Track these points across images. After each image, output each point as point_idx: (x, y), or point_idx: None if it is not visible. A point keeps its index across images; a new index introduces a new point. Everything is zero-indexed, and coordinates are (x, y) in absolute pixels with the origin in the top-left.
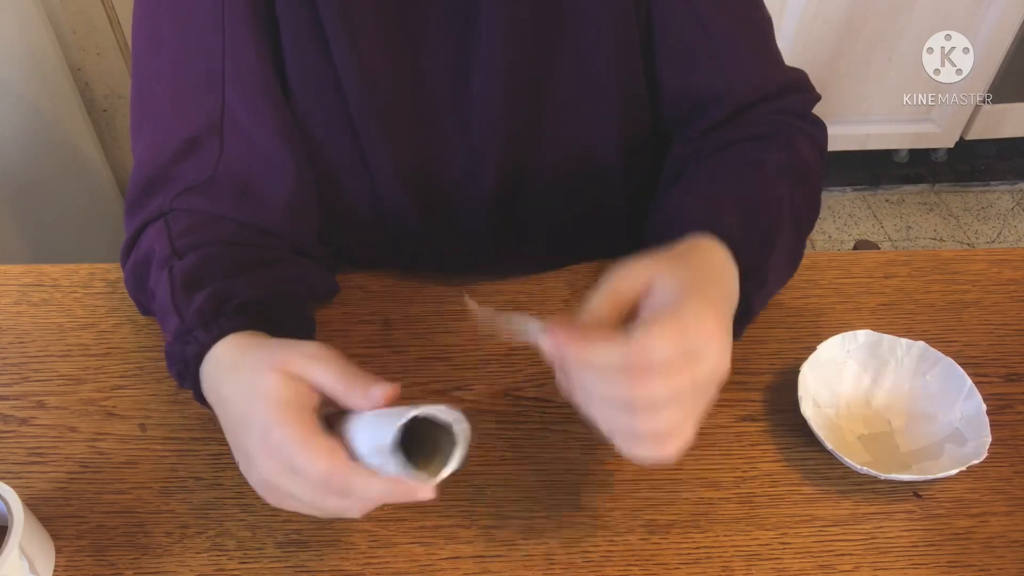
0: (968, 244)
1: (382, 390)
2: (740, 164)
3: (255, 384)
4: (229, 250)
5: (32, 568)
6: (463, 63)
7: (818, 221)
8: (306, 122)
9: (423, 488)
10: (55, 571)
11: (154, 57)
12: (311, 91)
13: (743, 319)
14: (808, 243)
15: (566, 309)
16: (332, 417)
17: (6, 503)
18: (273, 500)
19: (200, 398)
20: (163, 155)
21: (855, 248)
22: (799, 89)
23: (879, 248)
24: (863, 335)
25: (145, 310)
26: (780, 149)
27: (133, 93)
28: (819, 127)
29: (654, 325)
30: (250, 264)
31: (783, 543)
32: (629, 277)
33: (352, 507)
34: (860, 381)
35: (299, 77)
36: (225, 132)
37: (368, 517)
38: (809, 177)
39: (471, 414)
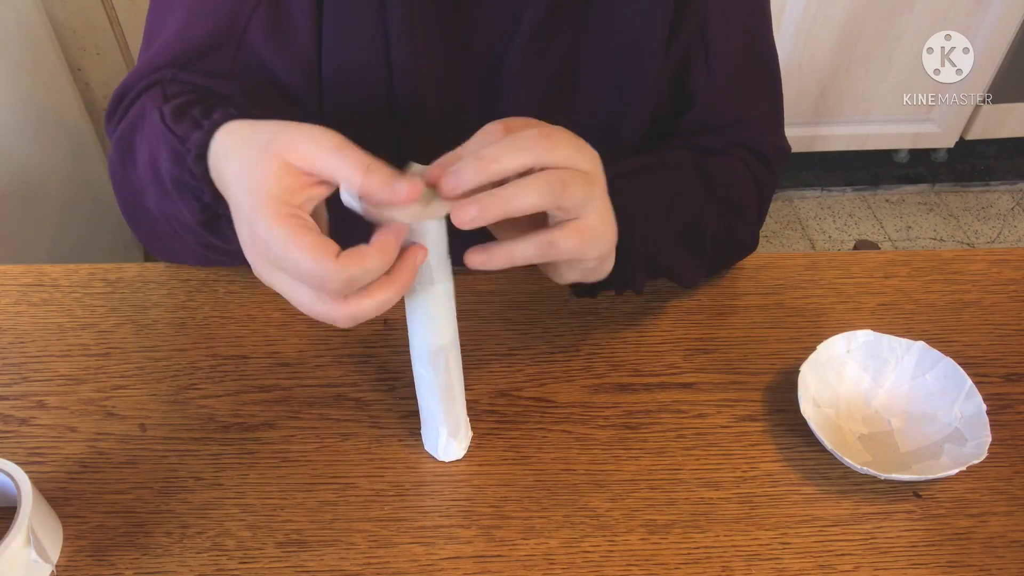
0: (968, 244)
1: (409, 185)
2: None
3: (250, 171)
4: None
5: (40, 548)
6: (498, 63)
7: (818, 221)
8: (341, 100)
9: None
10: (55, 571)
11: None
12: (347, 74)
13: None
14: (808, 243)
15: (565, 310)
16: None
17: (15, 483)
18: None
19: (220, 212)
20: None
21: (855, 248)
22: (768, 133)
23: (879, 248)
24: (863, 335)
25: (131, 208)
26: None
27: (150, 16)
28: (771, 172)
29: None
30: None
31: (783, 543)
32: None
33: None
34: (860, 381)
35: (337, 63)
36: (242, 54)
37: (368, 517)
38: (727, 191)
39: (471, 414)
